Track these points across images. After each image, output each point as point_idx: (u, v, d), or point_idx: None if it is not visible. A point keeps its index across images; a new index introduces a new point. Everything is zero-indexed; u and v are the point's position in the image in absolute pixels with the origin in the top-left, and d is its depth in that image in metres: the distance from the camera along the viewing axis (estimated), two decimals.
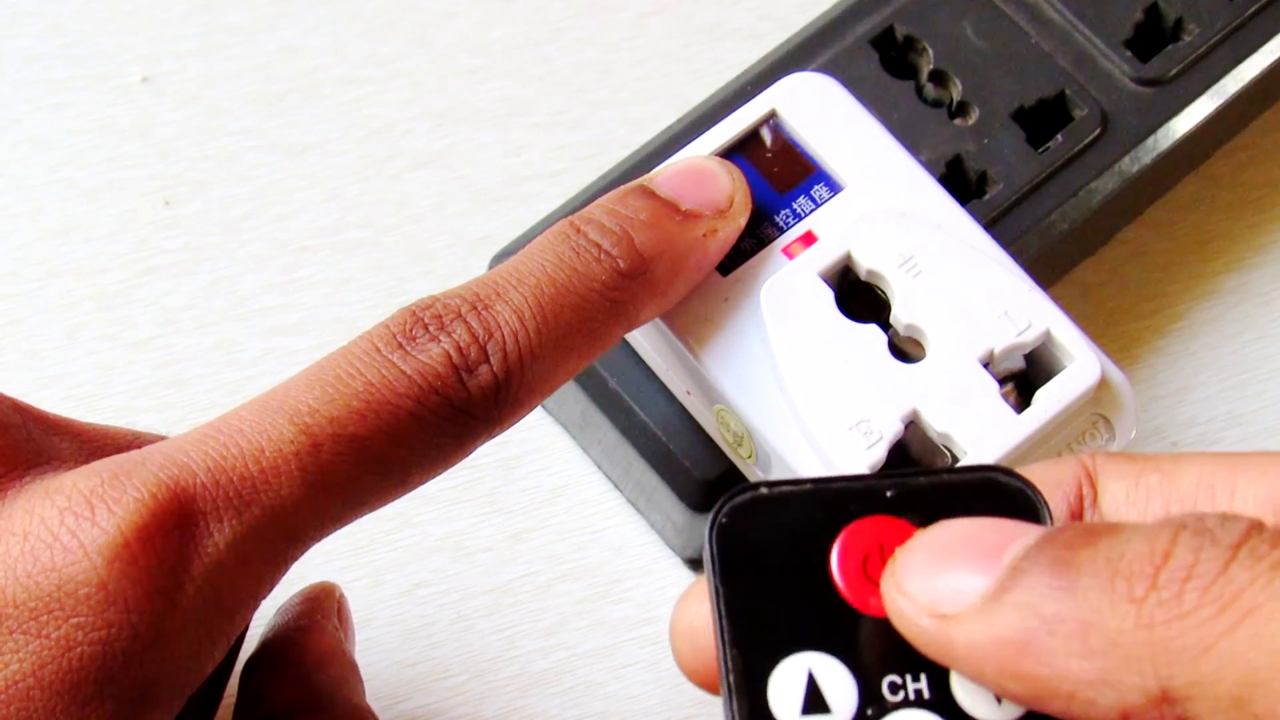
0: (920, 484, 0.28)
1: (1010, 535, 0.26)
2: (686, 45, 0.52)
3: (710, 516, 0.28)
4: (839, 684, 0.27)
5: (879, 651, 0.27)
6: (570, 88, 0.51)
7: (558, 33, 0.52)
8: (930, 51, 0.45)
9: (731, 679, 0.27)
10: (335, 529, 0.33)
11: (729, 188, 0.39)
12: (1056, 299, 0.38)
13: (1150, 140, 0.45)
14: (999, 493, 0.28)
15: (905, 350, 0.39)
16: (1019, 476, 0.29)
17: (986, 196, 0.44)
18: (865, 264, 0.39)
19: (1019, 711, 0.27)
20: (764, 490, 0.28)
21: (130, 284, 0.48)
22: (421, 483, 0.34)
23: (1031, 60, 0.45)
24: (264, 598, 0.33)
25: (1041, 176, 0.44)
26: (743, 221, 0.39)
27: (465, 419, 0.34)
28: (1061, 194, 0.44)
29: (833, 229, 0.39)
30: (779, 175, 0.40)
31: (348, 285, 0.48)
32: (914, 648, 0.26)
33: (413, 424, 0.33)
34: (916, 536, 0.27)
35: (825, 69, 0.43)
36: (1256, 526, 0.24)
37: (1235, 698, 0.23)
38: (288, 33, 0.51)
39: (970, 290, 0.38)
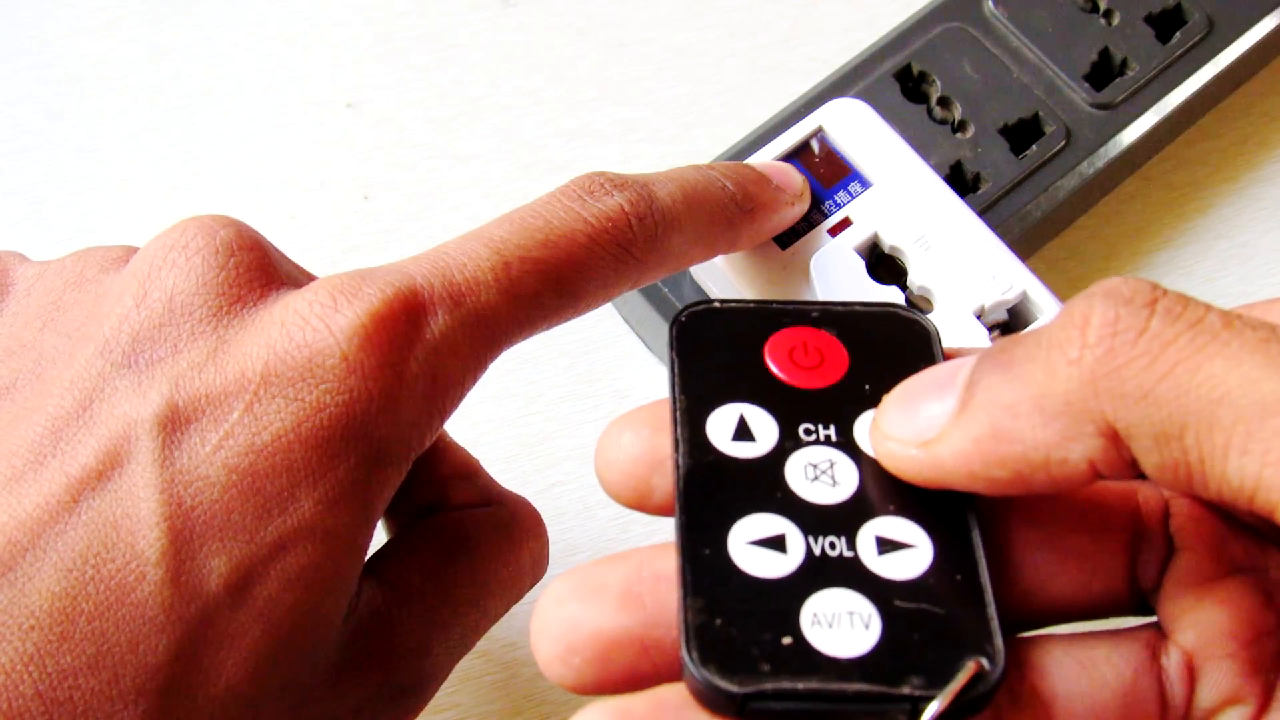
0: (838, 310, 0.29)
1: (956, 366, 0.25)
2: (754, 80, 0.51)
3: (673, 317, 0.29)
4: (763, 425, 0.27)
5: (797, 408, 0.27)
6: (668, 112, 0.51)
7: (659, 71, 0.52)
8: (938, 83, 0.46)
9: (678, 414, 0.27)
10: (522, 337, 0.32)
11: (801, 181, 0.40)
12: (1031, 268, 0.39)
13: (1102, 150, 0.45)
14: (898, 321, 0.29)
15: (918, 306, 0.40)
16: (916, 311, 0.29)
17: (979, 192, 0.44)
18: (889, 241, 0.40)
19: None
20: (716, 304, 0.29)
21: (338, 259, 0.48)
22: (588, 307, 0.33)
23: (1014, 89, 0.46)
24: (469, 388, 0.32)
25: (1021, 177, 0.45)
26: (805, 207, 0.40)
27: (626, 256, 0.33)
28: (1036, 190, 0.45)
29: (864, 215, 0.40)
30: (824, 175, 0.41)
31: None
32: (911, 482, 0.26)
33: (586, 254, 0.33)
34: (885, 398, 0.26)
35: (859, 96, 0.44)
36: (1154, 285, 0.23)
37: (1169, 435, 0.22)
38: (456, 70, 0.52)
39: (967, 261, 0.39)
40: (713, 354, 0.28)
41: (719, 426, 0.27)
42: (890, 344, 0.28)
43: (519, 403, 0.46)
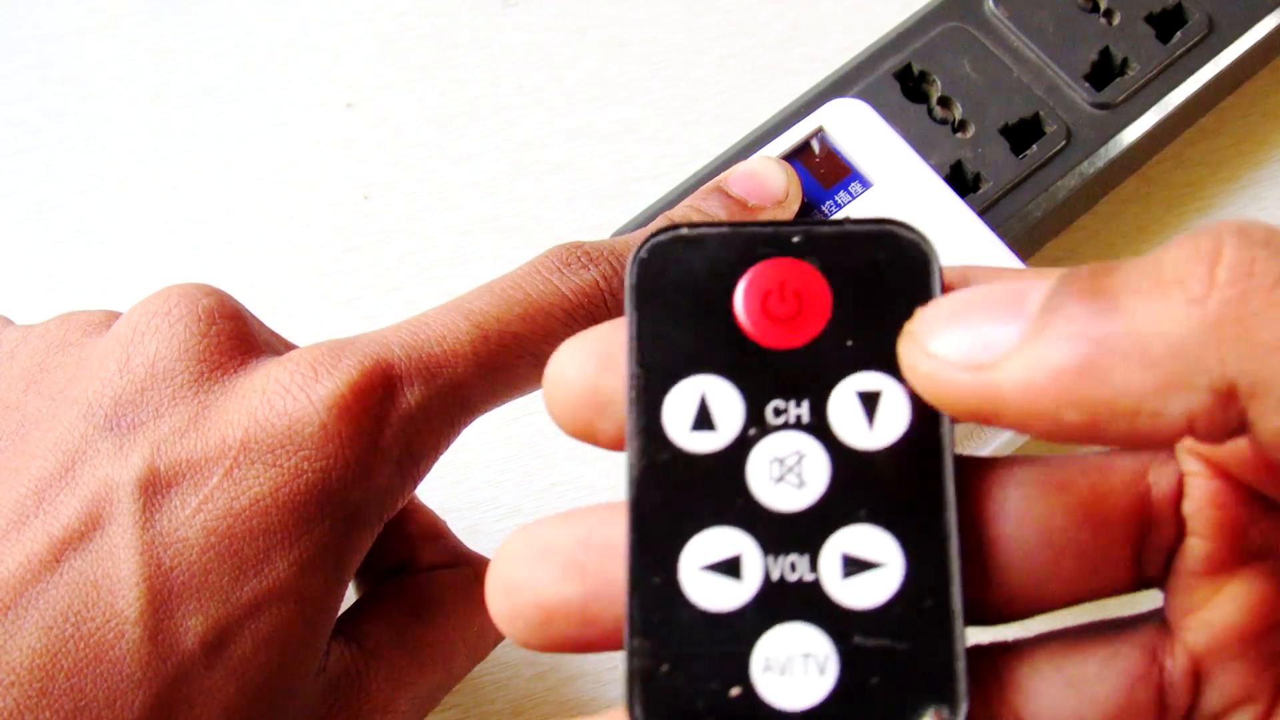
0: (824, 232, 0.25)
1: (1025, 288, 0.21)
2: (754, 79, 0.51)
3: (633, 251, 0.25)
4: (727, 406, 0.24)
5: (768, 378, 0.24)
6: (667, 112, 0.51)
7: (659, 71, 0.52)
8: (938, 82, 0.46)
9: (633, 395, 0.24)
10: (497, 404, 0.33)
11: (784, 183, 0.39)
12: (1032, 268, 0.38)
13: (1103, 150, 0.45)
14: (895, 242, 0.25)
15: None
16: (915, 229, 0.25)
17: (980, 192, 0.44)
18: None
19: (892, 438, 0.24)
20: (684, 230, 0.25)
21: (338, 259, 0.49)
22: None
23: (1014, 89, 0.46)
24: (441, 453, 0.33)
25: (1021, 177, 0.45)
26: (795, 208, 0.40)
27: None
28: (1036, 190, 0.45)
29: (865, 216, 0.38)
30: (824, 175, 0.42)
31: (502, 260, 0.48)
32: (945, 407, 0.22)
33: (563, 329, 0.33)
34: (927, 307, 0.23)
35: (859, 96, 0.44)
36: None
37: None
38: (456, 70, 0.52)
39: (967, 261, 0.35)
40: (676, 304, 0.25)
41: (677, 411, 0.24)
42: (882, 278, 0.25)
43: (519, 402, 0.45)
